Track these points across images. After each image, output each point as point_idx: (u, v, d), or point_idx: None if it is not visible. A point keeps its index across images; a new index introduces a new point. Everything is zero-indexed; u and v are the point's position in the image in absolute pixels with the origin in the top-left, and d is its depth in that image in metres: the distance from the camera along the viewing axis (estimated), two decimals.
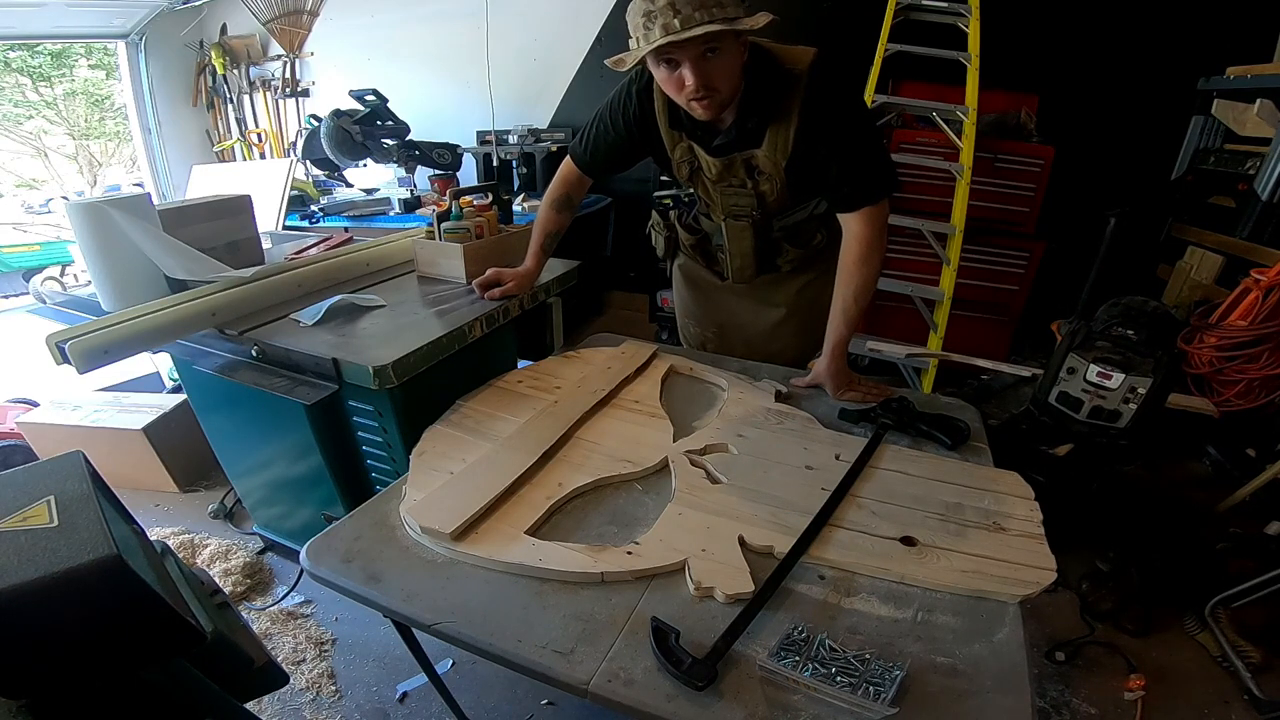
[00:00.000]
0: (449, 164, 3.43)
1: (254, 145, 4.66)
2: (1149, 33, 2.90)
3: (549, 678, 0.74)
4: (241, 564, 1.97)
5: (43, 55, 7.71)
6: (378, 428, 1.37)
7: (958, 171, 2.62)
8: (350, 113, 3.24)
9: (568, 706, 1.54)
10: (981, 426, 1.26)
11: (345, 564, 0.89)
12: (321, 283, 1.68)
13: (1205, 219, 2.87)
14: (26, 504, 0.73)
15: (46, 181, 8.35)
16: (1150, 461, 2.40)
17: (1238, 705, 1.55)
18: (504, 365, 1.53)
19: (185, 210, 1.68)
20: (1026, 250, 2.93)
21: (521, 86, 3.77)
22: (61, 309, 1.65)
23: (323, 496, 1.60)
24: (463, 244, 1.66)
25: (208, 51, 4.55)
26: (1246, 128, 2.63)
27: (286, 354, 1.32)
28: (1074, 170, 2.94)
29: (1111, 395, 1.87)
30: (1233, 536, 1.91)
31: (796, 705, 0.69)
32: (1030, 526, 0.95)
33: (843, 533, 0.93)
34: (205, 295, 1.44)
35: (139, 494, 2.38)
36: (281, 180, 2.99)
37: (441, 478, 1.04)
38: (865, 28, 2.83)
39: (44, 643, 0.68)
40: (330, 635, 1.76)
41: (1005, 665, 0.74)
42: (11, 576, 0.64)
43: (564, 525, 0.98)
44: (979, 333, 2.99)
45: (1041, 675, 1.63)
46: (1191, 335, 2.39)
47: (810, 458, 1.11)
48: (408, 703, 1.57)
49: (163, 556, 0.97)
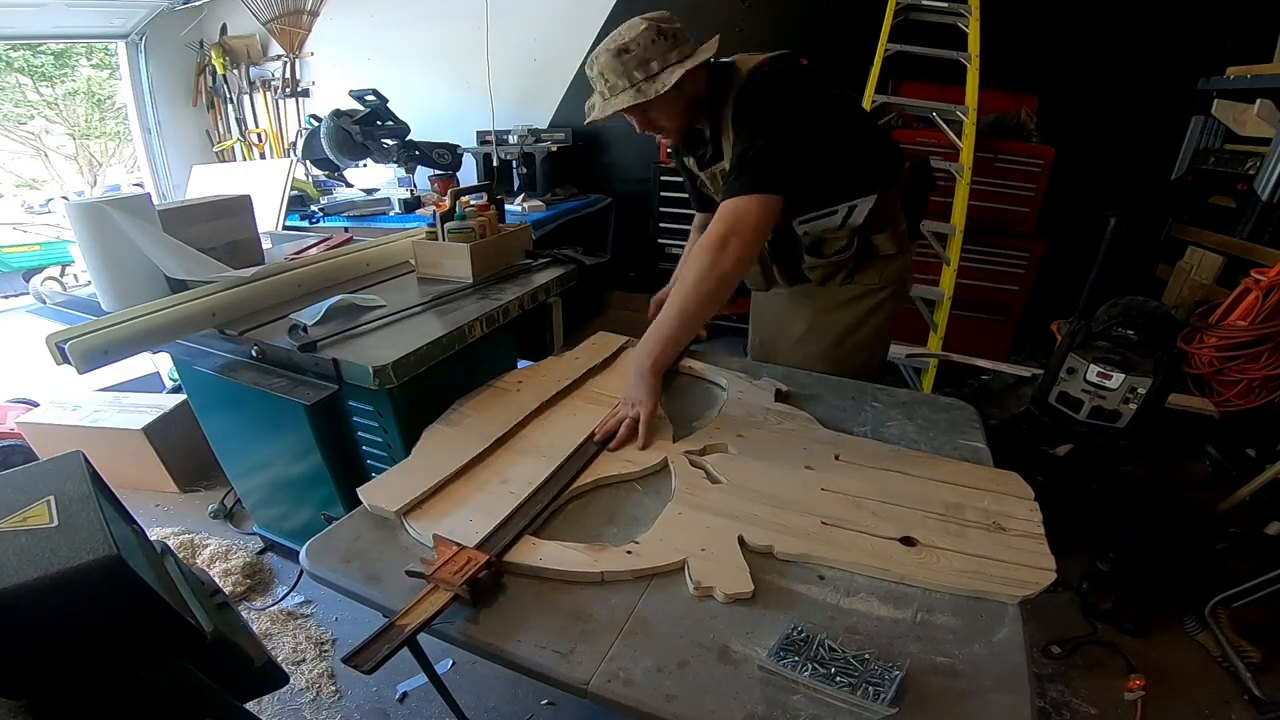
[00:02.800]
0: (449, 164, 3.43)
1: (254, 145, 4.66)
2: (1149, 33, 2.90)
3: (548, 678, 0.74)
4: (241, 564, 1.97)
5: (45, 55, 7.72)
6: (378, 428, 1.37)
7: (958, 171, 2.62)
8: (350, 113, 3.24)
9: (568, 706, 1.54)
10: (981, 427, 1.26)
11: (345, 564, 0.89)
12: (321, 283, 1.68)
13: (1205, 219, 2.87)
14: (26, 504, 0.73)
15: (47, 181, 8.35)
16: (1150, 461, 2.40)
17: (1238, 705, 1.55)
18: (504, 365, 1.53)
19: (185, 210, 1.68)
20: (1026, 250, 2.93)
21: (521, 86, 3.78)
22: (61, 309, 1.65)
23: (323, 496, 1.60)
24: (470, 244, 1.66)
25: (208, 51, 4.56)
26: (1246, 128, 2.63)
27: (287, 354, 1.33)
28: (1074, 170, 2.94)
29: (1111, 395, 1.87)
30: (1233, 536, 1.91)
31: (796, 705, 0.69)
32: (1031, 527, 0.94)
33: (842, 533, 0.93)
34: (205, 295, 1.44)
35: (139, 494, 2.38)
36: (281, 180, 2.98)
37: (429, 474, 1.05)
38: (865, 28, 2.84)
39: (44, 643, 0.68)
40: (330, 635, 1.76)
41: (1005, 666, 0.74)
42: (11, 576, 0.64)
43: (563, 526, 0.98)
44: (979, 333, 2.99)
45: (1041, 675, 1.63)
46: (1191, 335, 2.39)
47: (810, 458, 1.11)
48: (408, 703, 1.57)
49: (163, 556, 0.97)
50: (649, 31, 1.21)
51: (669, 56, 1.21)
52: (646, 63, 1.21)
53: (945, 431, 1.23)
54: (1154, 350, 1.83)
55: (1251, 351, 2.21)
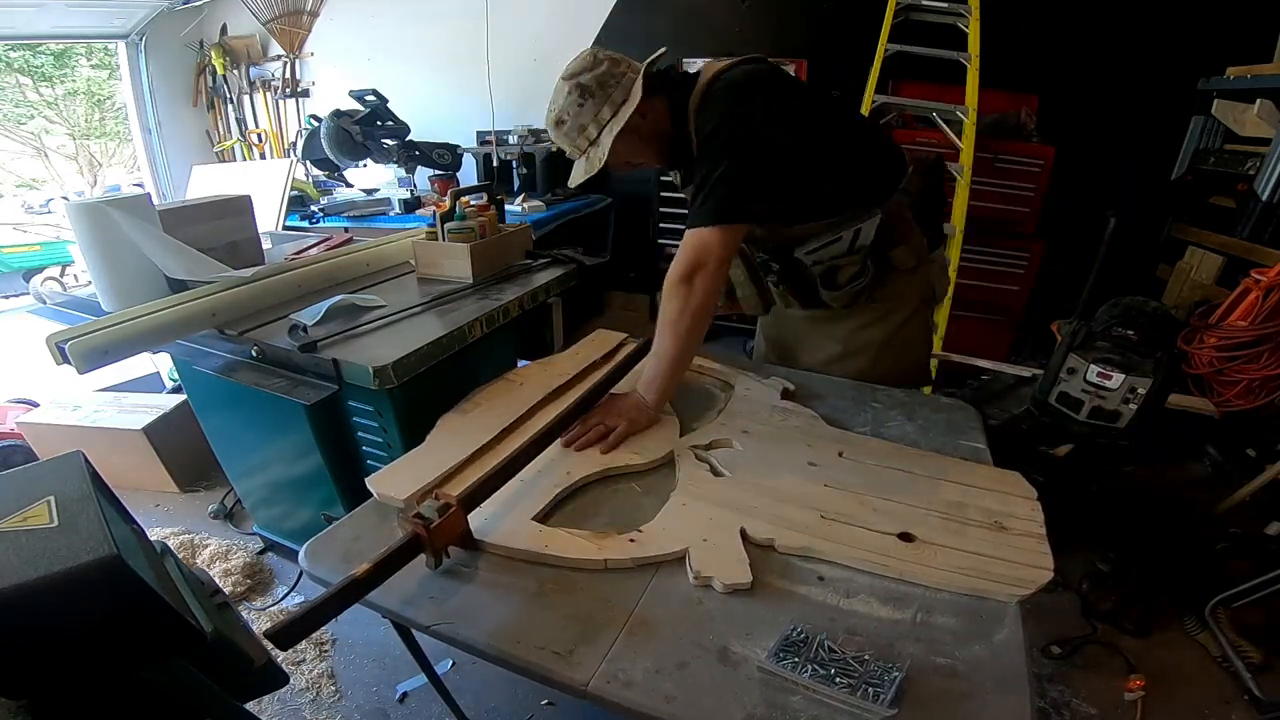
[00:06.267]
0: (449, 164, 3.42)
1: (254, 145, 4.66)
2: (1149, 33, 2.90)
3: (548, 678, 0.74)
4: (241, 564, 1.97)
5: (45, 55, 7.71)
6: (378, 428, 1.37)
7: (958, 172, 2.62)
8: (350, 113, 3.24)
9: (567, 707, 1.54)
10: (981, 427, 1.26)
11: (345, 564, 0.89)
12: (321, 283, 1.68)
13: (1205, 219, 2.87)
14: (26, 504, 0.73)
15: (47, 181, 8.35)
16: (1150, 461, 2.40)
17: (1238, 705, 1.55)
18: (504, 365, 1.53)
19: (185, 210, 1.68)
20: (1026, 250, 2.93)
21: (521, 87, 3.77)
22: (61, 309, 1.65)
23: (323, 496, 1.60)
24: (470, 244, 1.66)
25: (208, 52, 4.56)
26: (1246, 128, 2.63)
27: (287, 354, 1.32)
28: (1074, 170, 2.94)
29: (1111, 396, 1.86)
30: (1233, 537, 1.91)
31: (795, 707, 0.69)
32: (1032, 526, 0.94)
33: (843, 528, 0.93)
34: (205, 295, 1.44)
35: (139, 494, 2.38)
36: (281, 180, 2.98)
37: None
38: (865, 28, 2.84)
39: (44, 643, 0.68)
40: (330, 635, 1.76)
41: (1005, 666, 0.74)
42: (11, 576, 0.64)
43: (563, 522, 0.98)
44: (979, 333, 2.99)
45: (1041, 675, 1.63)
46: (1191, 335, 2.39)
47: (813, 455, 1.11)
48: (408, 703, 1.57)
49: (163, 556, 0.97)
50: (572, 96, 1.17)
51: (601, 116, 1.17)
52: (583, 129, 1.18)
53: (945, 432, 1.23)
54: (1154, 351, 1.83)
55: (1251, 351, 2.21)
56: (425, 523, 0.82)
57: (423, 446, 1.13)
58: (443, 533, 0.84)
